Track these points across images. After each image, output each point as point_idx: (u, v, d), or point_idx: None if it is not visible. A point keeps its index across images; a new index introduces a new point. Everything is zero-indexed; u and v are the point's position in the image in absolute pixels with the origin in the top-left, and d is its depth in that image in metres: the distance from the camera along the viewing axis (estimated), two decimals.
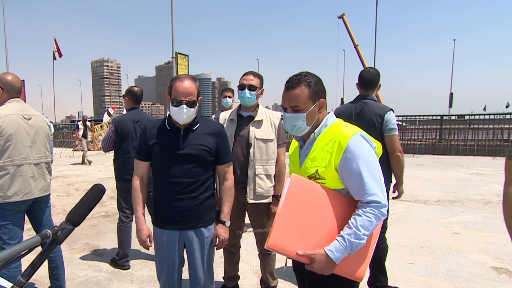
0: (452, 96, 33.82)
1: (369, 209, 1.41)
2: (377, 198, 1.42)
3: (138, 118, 3.66)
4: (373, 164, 1.46)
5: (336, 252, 1.41)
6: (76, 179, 9.58)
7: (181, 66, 13.95)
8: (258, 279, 3.20)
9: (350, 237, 1.40)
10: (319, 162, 1.52)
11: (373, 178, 1.44)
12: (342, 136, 1.49)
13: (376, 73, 2.98)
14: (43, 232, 0.85)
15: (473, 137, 14.50)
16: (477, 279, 3.36)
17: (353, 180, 1.45)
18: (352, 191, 1.49)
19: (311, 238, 1.45)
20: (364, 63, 26.52)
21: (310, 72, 1.60)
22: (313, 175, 1.53)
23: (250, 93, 2.66)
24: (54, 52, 24.97)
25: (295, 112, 1.56)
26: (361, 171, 1.43)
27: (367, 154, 1.47)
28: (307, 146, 1.62)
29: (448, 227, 4.96)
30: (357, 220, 1.41)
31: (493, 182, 8.24)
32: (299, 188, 1.49)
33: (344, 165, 1.46)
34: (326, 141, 1.53)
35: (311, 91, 1.54)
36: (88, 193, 1.00)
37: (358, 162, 1.44)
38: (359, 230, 1.39)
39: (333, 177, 1.50)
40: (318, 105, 1.56)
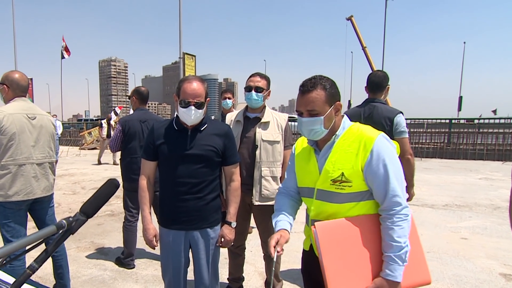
0: (461, 99, 33.48)
1: (395, 218, 1.43)
2: (400, 199, 1.45)
3: (145, 118, 3.67)
4: (397, 165, 1.49)
5: (393, 272, 1.41)
6: (83, 177, 9.64)
7: (188, 66, 13.99)
8: (262, 281, 3.18)
9: (395, 252, 1.41)
10: (343, 164, 1.51)
11: (397, 179, 1.47)
12: (367, 137, 1.50)
13: (384, 76, 2.96)
14: (59, 222, 0.89)
15: (483, 141, 14.31)
16: (484, 285, 3.30)
17: (379, 181, 1.47)
18: (376, 192, 1.49)
19: (364, 271, 1.45)
20: (372, 65, 26.40)
21: (324, 75, 1.58)
22: (338, 179, 1.51)
23: (257, 94, 2.65)
24: (62, 51, 25.20)
25: (311, 116, 1.52)
26: (387, 172, 1.45)
27: (392, 156, 1.49)
28: (326, 150, 1.58)
29: (455, 232, 4.90)
30: (391, 234, 1.42)
31: (502, 187, 8.13)
32: (328, 234, 1.47)
33: (370, 166, 1.47)
34: (348, 143, 1.53)
35: (327, 94, 1.52)
36: (102, 187, 1.01)
37: (384, 163, 1.46)
38: (398, 241, 1.41)
39: (359, 178, 1.49)
40: (334, 108, 1.54)
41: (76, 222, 0.92)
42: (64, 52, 25.11)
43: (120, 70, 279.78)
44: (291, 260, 3.59)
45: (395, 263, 1.41)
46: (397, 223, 1.42)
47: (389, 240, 1.42)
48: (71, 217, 0.92)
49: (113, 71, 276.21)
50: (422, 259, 1.52)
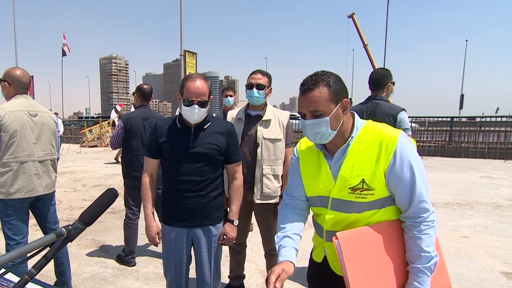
0: (463, 97, 33.40)
1: (422, 226, 1.31)
2: (427, 205, 1.32)
3: (147, 115, 3.66)
4: (422, 167, 1.34)
5: (422, 284, 1.31)
6: (83, 175, 9.65)
7: (189, 64, 13.97)
8: (263, 279, 3.18)
9: (423, 263, 1.30)
10: (362, 170, 1.34)
11: (423, 182, 1.33)
12: (388, 137, 1.33)
13: (383, 74, 2.98)
14: (58, 231, 0.92)
15: (484, 140, 14.28)
16: (485, 283, 3.30)
17: (404, 187, 1.32)
18: (400, 198, 1.35)
19: (389, 283, 1.36)
20: (374, 63, 26.34)
21: (327, 71, 1.39)
22: (358, 186, 1.34)
23: (259, 92, 2.63)
24: (63, 48, 25.19)
25: (316, 118, 1.34)
26: (413, 175, 1.31)
27: (416, 157, 1.34)
28: (339, 154, 1.41)
29: (457, 230, 4.89)
30: (419, 244, 1.31)
31: (504, 185, 8.11)
32: (352, 245, 1.34)
33: (393, 170, 1.32)
34: (365, 145, 1.36)
35: (331, 91, 1.33)
36: (101, 196, 1.04)
37: (409, 166, 1.31)
38: (427, 251, 1.30)
39: (381, 185, 1.34)
40: (341, 106, 1.36)
41: (75, 230, 0.95)
42: (66, 48, 25.09)
43: (121, 68, 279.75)
44: None
45: (424, 275, 1.30)
46: (425, 231, 1.30)
47: (417, 250, 1.31)
48: (70, 225, 0.95)
49: (114, 68, 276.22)
50: (442, 264, 1.43)
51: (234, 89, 4.91)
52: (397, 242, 1.37)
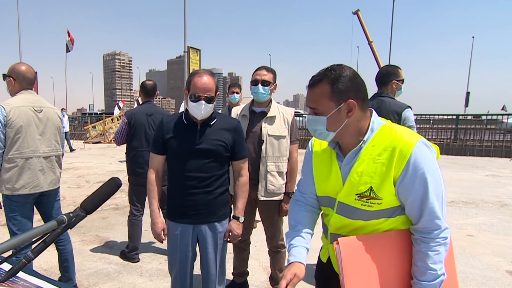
0: (469, 95, 33.16)
1: (432, 242, 1.22)
2: (439, 222, 1.22)
3: (152, 111, 3.65)
4: (438, 178, 1.23)
5: None
6: (87, 171, 9.69)
7: (192, 60, 13.94)
8: (267, 276, 3.18)
9: (428, 281, 1.23)
10: (371, 177, 1.25)
11: (437, 196, 1.22)
12: (403, 143, 1.22)
13: (387, 71, 2.97)
14: (60, 218, 0.92)
15: (490, 138, 14.18)
16: (491, 282, 3.28)
17: (414, 199, 1.23)
18: (410, 211, 1.26)
19: None
20: (378, 60, 26.21)
21: (342, 65, 1.29)
22: (365, 194, 1.27)
23: (264, 88, 2.61)
24: (67, 44, 25.22)
25: (315, 114, 1.30)
26: (426, 188, 1.20)
27: (433, 168, 1.22)
28: (351, 157, 1.32)
29: (462, 229, 4.86)
30: (425, 261, 1.23)
31: (509, 184, 8.05)
32: (353, 253, 1.28)
33: (405, 180, 1.22)
34: (378, 151, 1.26)
35: (333, 89, 1.24)
36: (104, 185, 1.03)
37: (422, 178, 1.20)
38: (433, 269, 1.22)
39: (390, 195, 1.25)
40: (345, 107, 1.25)
41: (76, 218, 0.95)
42: (70, 44, 25.12)
43: (124, 64, 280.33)
44: None
45: None
46: (434, 248, 1.22)
47: (423, 266, 1.23)
48: (71, 212, 0.94)
49: (117, 65, 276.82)
50: (454, 282, 1.37)
51: (240, 86, 4.87)
52: (403, 253, 1.30)
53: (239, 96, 4.72)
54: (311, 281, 3.25)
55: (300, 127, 16.91)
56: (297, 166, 2.78)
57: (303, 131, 17.48)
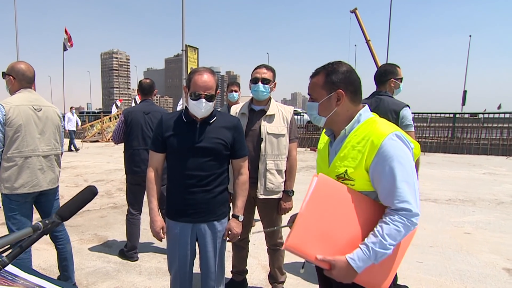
0: (466, 93, 33.24)
1: (398, 217, 1.30)
2: (409, 205, 1.30)
3: (149, 110, 3.65)
4: (408, 167, 1.33)
5: (359, 261, 1.32)
6: (85, 170, 9.68)
7: (190, 59, 13.91)
8: (266, 274, 3.19)
9: (374, 246, 1.30)
10: (349, 161, 1.41)
11: (407, 182, 1.31)
12: (376, 134, 1.36)
13: (385, 69, 2.97)
14: (35, 225, 0.93)
15: (487, 136, 14.24)
16: (488, 280, 3.30)
17: (384, 184, 1.34)
18: (381, 195, 1.37)
19: (333, 242, 1.37)
20: (376, 59, 26.24)
21: (341, 62, 1.50)
22: (341, 175, 1.43)
23: (264, 86, 2.62)
24: (64, 43, 25.07)
25: (312, 101, 1.53)
26: (394, 175, 1.31)
27: (402, 157, 1.33)
28: (337, 143, 1.51)
29: (459, 226, 4.89)
30: (383, 228, 1.31)
31: (506, 182, 8.10)
32: (325, 189, 1.40)
33: (376, 167, 1.34)
34: (358, 139, 1.41)
35: (326, 80, 1.46)
36: (80, 193, 1.05)
37: (391, 165, 1.31)
38: (385, 239, 1.29)
39: (363, 178, 1.39)
40: (334, 96, 1.45)
41: (51, 224, 0.96)
42: (67, 43, 24.95)
43: (122, 63, 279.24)
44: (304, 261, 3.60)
45: (366, 255, 1.31)
46: (396, 223, 1.30)
47: (378, 231, 1.31)
48: (47, 219, 0.96)
49: (115, 63, 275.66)
50: (392, 271, 1.40)
51: (239, 85, 4.87)
52: (368, 220, 1.38)
53: (238, 95, 4.71)
54: (306, 277, 3.27)
55: (299, 126, 16.93)
56: (296, 164, 2.79)
57: (301, 129, 17.49)
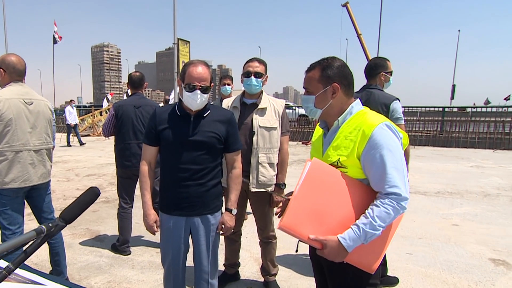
0: (455, 88, 33.58)
1: (388, 201, 1.37)
2: (398, 190, 1.37)
3: (140, 103, 3.63)
4: (397, 155, 1.41)
5: (349, 240, 1.38)
6: (76, 164, 9.60)
7: (182, 52, 13.78)
8: (258, 267, 3.22)
9: (365, 226, 1.37)
10: (342, 150, 1.49)
11: (396, 169, 1.39)
12: (367, 124, 1.44)
13: (375, 63, 3.00)
14: (39, 228, 0.92)
15: (474, 130, 14.46)
16: (474, 270, 3.39)
17: (375, 171, 1.41)
18: (372, 181, 1.44)
19: (325, 223, 1.43)
20: (367, 53, 26.30)
21: (333, 57, 1.58)
22: (334, 163, 1.50)
23: (257, 80, 2.62)
24: (54, 36, 24.64)
25: (307, 94, 1.59)
26: (384, 161, 1.38)
27: (392, 145, 1.41)
28: (330, 134, 1.59)
29: (447, 218, 4.99)
30: (374, 210, 1.38)
31: (493, 175, 8.25)
32: (318, 172, 1.47)
33: (367, 155, 1.42)
34: (350, 130, 1.49)
35: (322, 74, 1.52)
36: (83, 194, 1.05)
37: (381, 153, 1.39)
38: (375, 220, 1.36)
39: (355, 166, 1.46)
40: (330, 89, 1.52)
41: (55, 228, 0.95)
42: (57, 36, 24.55)
43: (113, 56, 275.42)
44: (286, 246, 3.64)
45: (357, 234, 1.37)
46: (386, 206, 1.37)
47: (369, 213, 1.38)
48: (50, 222, 0.95)
49: (105, 57, 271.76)
50: (381, 252, 1.47)
51: (231, 78, 4.86)
52: (357, 201, 1.44)
53: (231, 88, 4.71)
54: (298, 270, 3.32)
55: (291, 120, 16.96)
56: (288, 157, 2.82)
57: (293, 123, 17.52)
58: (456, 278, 3.22)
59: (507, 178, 7.74)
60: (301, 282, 3.13)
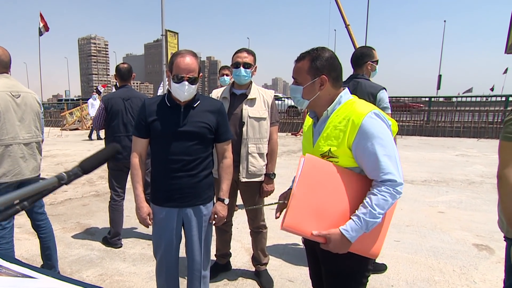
0: (441, 78, 33.99)
1: (384, 188, 1.40)
2: (393, 176, 1.40)
3: (128, 96, 3.61)
4: (388, 142, 1.43)
5: (352, 231, 1.41)
6: (65, 158, 9.49)
7: (170, 44, 13.63)
8: (249, 257, 3.26)
9: (365, 216, 1.40)
10: (332, 141, 1.49)
11: (388, 156, 1.41)
12: (356, 114, 1.45)
13: (362, 53, 3.01)
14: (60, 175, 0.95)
15: (460, 119, 14.72)
16: (459, 255, 3.49)
17: (368, 159, 1.43)
18: (366, 170, 1.46)
19: (326, 218, 1.46)
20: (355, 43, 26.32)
21: (325, 48, 1.57)
22: (325, 154, 1.51)
23: (246, 71, 2.63)
24: (40, 28, 24.00)
25: (296, 84, 1.60)
26: (376, 150, 1.40)
27: (382, 133, 1.43)
28: (320, 124, 1.60)
29: (433, 206, 5.11)
30: (372, 199, 1.40)
31: (477, 163, 8.45)
32: (313, 169, 1.48)
33: (358, 144, 1.43)
34: (339, 119, 1.50)
35: (311, 65, 1.53)
36: (104, 149, 1.07)
37: (372, 141, 1.41)
38: (374, 209, 1.39)
39: (346, 155, 1.47)
40: (318, 81, 1.53)
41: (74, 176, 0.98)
42: (43, 28, 23.92)
43: (100, 48, 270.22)
44: (276, 236, 3.69)
45: (358, 225, 1.40)
46: (382, 193, 1.40)
47: (367, 202, 1.41)
48: (70, 170, 0.97)
49: (93, 49, 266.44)
50: (381, 237, 1.51)
51: (230, 68, 4.84)
52: (355, 193, 1.47)
53: (229, 78, 4.70)
54: (288, 259, 3.38)
55: (280, 111, 16.98)
56: (277, 148, 2.85)
57: (282, 114, 17.55)
58: (441, 264, 3.32)
59: (490, 166, 7.93)
60: (291, 271, 3.19)
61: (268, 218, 2.91)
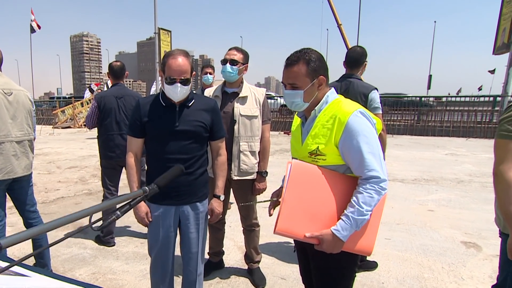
0: (431, 78, 34.34)
1: (369, 185, 1.45)
2: (377, 173, 1.45)
3: (121, 94, 3.61)
4: (372, 140, 1.48)
5: (343, 230, 1.45)
6: (57, 156, 9.41)
7: (163, 42, 13.58)
8: (242, 255, 3.28)
9: (353, 214, 1.44)
10: (320, 139, 1.54)
11: (373, 154, 1.46)
12: (342, 112, 1.50)
13: (361, 52, 3.01)
14: (144, 188, 1.13)
15: (449, 119, 14.90)
16: (448, 253, 3.56)
17: (353, 157, 1.48)
18: (352, 167, 1.51)
19: (318, 220, 1.50)
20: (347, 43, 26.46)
21: (311, 49, 1.59)
22: (314, 152, 1.55)
23: (232, 67, 2.63)
24: (31, 25, 23.67)
25: (293, 89, 1.58)
26: (361, 147, 1.45)
27: (367, 131, 1.48)
28: (308, 123, 1.63)
29: (423, 204, 5.18)
30: (358, 197, 1.45)
31: (466, 162, 8.57)
32: (301, 173, 1.52)
33: (344, 142, 1.48)
34: (326, 118, 1.54)
35: (309, 68, 1.54)
36: (172, 169, 1.33)
37: (358, 139, 1.45)
38: (362, 207, 1.44)
39: (333, 153, 1.52)
40: (317, 82, 1.56)
41: (152, 190, 1.17)
42: (35, 25, 23.60)
43: (92, 46, 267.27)
44: (269, 234, 3.72)
45: (348, 224, 1.45)
46: (368, 190, 1.44)
47: (355, 201, 1.45)
48: (150, 186, 1.17)
49: (85, 47, 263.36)
50: (372, 233, 1.55)
51: (213, 67, 4.85)
52: (342, 193, 1.52)
53: (212, 77, 4.71)
54: (280, 257, 3.42)
55: (273, 110, 17.00)
56: (269, 146, 2.87)
57: (275, 113, 17.58)
58: (431, 261, 3.38)
59: (478, 165, 8.06)
60: (283, 269, 3.22)
61: (261, 216, 2.94)
